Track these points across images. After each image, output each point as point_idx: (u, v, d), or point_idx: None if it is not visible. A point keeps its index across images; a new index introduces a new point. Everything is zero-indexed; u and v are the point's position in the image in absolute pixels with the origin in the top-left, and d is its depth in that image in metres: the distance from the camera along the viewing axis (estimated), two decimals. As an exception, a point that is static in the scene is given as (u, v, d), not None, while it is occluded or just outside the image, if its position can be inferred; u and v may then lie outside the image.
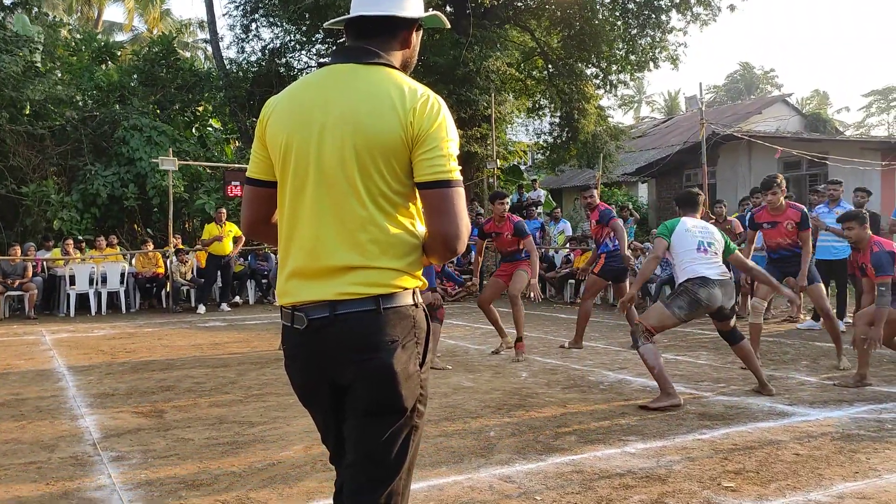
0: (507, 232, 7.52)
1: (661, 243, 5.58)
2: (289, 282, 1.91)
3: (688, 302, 5.35)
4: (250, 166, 2.04)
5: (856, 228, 6.14)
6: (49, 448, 4.47)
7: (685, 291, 5.38)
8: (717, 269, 5.44)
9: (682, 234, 5.55)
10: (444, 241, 1.84)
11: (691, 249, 5.46)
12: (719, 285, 5.38)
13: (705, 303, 5.34)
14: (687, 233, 5.54)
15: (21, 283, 12.45)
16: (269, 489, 3.66)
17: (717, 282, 5.37)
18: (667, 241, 5.56)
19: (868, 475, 3.73)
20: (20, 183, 15.47)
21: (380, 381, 1.83)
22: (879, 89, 52.80)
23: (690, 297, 5.34)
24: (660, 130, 28.34)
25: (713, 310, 5.44)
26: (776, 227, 6.83)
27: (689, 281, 5.37)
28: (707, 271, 5.38)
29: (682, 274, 5.45)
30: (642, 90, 49.76)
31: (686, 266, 5.44)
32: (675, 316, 5.37)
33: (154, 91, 17.92)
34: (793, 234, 6.75)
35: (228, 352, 8.29)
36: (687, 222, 5.63)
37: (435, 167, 1.82)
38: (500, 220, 7.56)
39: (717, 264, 5.47)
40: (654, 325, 5.39)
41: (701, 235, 5.54)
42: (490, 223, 7.76)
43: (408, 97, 1.83)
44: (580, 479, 3.72)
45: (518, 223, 7.55)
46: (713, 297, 5.35)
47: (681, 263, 5.49)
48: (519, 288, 7.43)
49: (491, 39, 17.39)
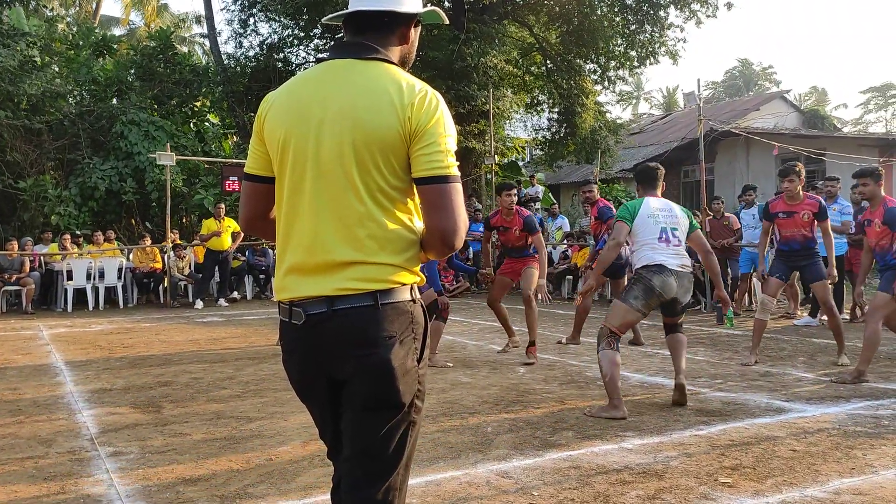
0: (516, 227, 7.10)
1: (622, 227, 5.23)
2: (286, 277, 1.91)
3: (642, 290, 5.08)
4: (248, 162, 2.04)
5: (870, 184, 6.11)
6: (46, 443, 4.47)
7: (639, 279, 5.12)
8: (678, 259, 5.14)
9: (644, 220, 5.21)
10: (442, 236, 1.84)
11: (653, 238, 5.15)
12: (675, 276, 5.08)
13: (658, 290, 5.05)
14: (650, 218, 5.20)
15: (18, 278, 12.44)
16: (267, 484, 3.66)
17: (675, 272, 5.09)
18: (628, 226, 5.22)
19: (864, 471, 3.74)
20: (17, 177, 15.45)
21: (377, 377, 1.83)
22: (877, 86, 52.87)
23: (644, 284, 5.08)
24: (658, 127, 28.32)
25: (666, 300, 5.13)
26: (792, 218, 6.69)
27: (645, 268, 5.11)
28: (665, 259, 5.09)
29: (639, 261, 5.18)
30: (641, 86, 49.75)
31: (645, 253, 5.17)
32: (633, 308, 5.08)
33: (152, 86, 17.89)
34: (808, 224, 6.65)
35: (226, 347, 8.30)
36: (650, 204, 5.28)
37: (432, 163, 1.82)
38: (509, 214, 7.12)
39: (678, 255, 5.16)
40: (617, 325, 5.11)
41: (665, 221, 5.22)
42: (497, 216, 7.30)
43: (405, 93, 1.83)
44: (577, 475, 3.73)
45: (528, 218, 7.13)
46: (667, 286, 5.06)
47: (639, 250, 5.22)
48: (531, 288, 7.07)
49: (489, 35, 17.36)
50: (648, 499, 3.39)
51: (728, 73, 53.01)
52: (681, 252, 5.21)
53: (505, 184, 7.51)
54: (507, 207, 7.11)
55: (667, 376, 6.26)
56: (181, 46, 23.64)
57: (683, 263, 5.17)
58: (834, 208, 9.40)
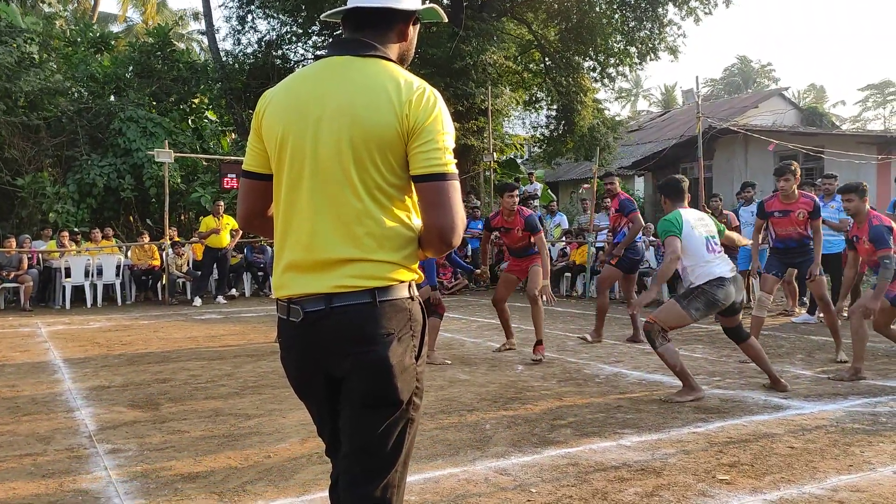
0: (518, 227, 7.01)
1: (675, 242, 5.34)
2: (284, 274, 1.91)
3: (705, 303, 5.29)
4: (246, 159, 2.04)
5: (855, 200, 6.10)
6: (45, 440, 4.47)
7: (703, 293, 5.29)
8: (728, 265, 5.40)
9: (690, 234, 5.38)
10: (440, 234, 1.84)
11: (702, 249, 5.35)
12: (733, 282, 5.33)
13: (723, 303, 5.31)
14: (693, 230, 5.39)
15: (16, 275, 12.43)
16: (265, 481, 3.66)
17: (731, 279, 5.33)
18: (679, 239, 5.35)
19: (862, 468, 3.75)
20: (15, 174, 15.43)
21: (375, 374, 1.83)
22: (876, 83, 52.86)
23: (709, 298, 5.27)
24: (656, 124, 28.33)
25: (729, 304, 5.38)
26: (788, 216, 6.71)
27: (708, 283, 5.28)
28: (722, 271, 5.32)
29: (698, 277, 5.34)
30: (640, 84, 49.73)
31: (701, 269, 5.33)
32: (692, 317, 5.32)
33: (150, 83, 17.86)
34: (804, 223, 6.66)
35: (224, 344, 8.29)
36: (688, 218, 5.45)
37: (430, 160, 1.82)
38: (510, 215, 7.02)
39: (727, 260, 5.44)
40: (671, 325, 5.34)
41: (706, 230, 5.44)
42: (498, 217, 7.20)
43: (403, 90, 1.83)
44: (575, 472, 3.73)
45: (530, 217, 7.04)
46: (729, 296, 5.31)
47: (694, 266, 5.38)
48: (537, 287, 6.97)
49: (488, 32, 17.35)
50: (646, 496, 3.39)
51: (727, 70, 52.98)
52: (726, 257, 5.49)
53: (507, 185, 7.42)
54: (508, 209, 7.03)
55: (665, 373, 6.27)
56: (179, 43, 23.58)
57: (733, 267, 5.43)
58: (832, 206, 9.41)
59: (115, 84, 17.52)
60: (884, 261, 5.78)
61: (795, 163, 6.99)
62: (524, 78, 20.96)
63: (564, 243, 14.67)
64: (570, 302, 12.81)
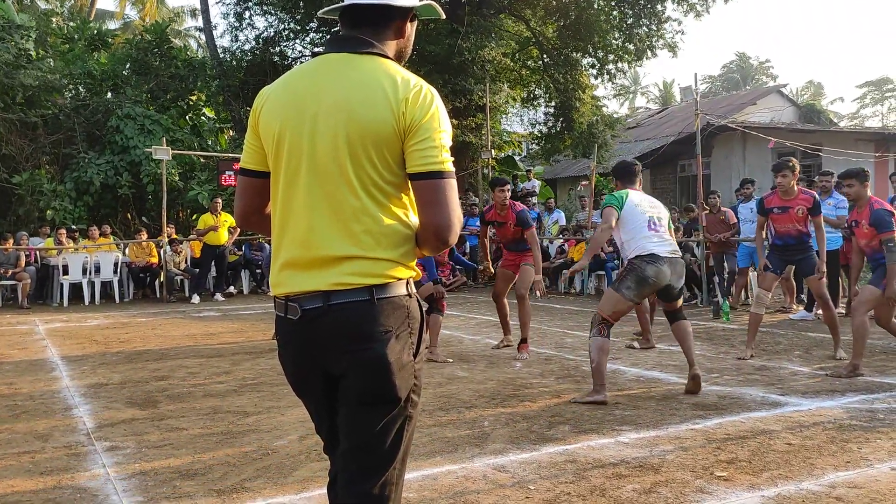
0: (511, 222, 7.06)
1: (611, 212, 5.31)
2: (282, 272, 1.91)
3: (635, 280, 5.17)
4: (244, 156, 2.03)
5: (856, 185, 6.11)
6: (43, 438, 4.47)
7: (633, 269, 5.21)
8: (668, 246, 5.27)
9: (632, 210, 5.32)
10: (436, 232, 1.84)
11: (642, 226, 5.27)
12: (668, 263, 5.20)
13: (653, 280, 5.17)
14: (637, 208, 5.33)
15: (14, 273, 12.42)
16: (264, 479, 3.66)
17: (667, 259, 5.20)
18: (618, 213, 5.31)
19: (860, 465, 3.75)
20: (12, 172, 15.40)
21: (373, 371, 1.83)
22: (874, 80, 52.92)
23: (638, 274, 5.16)
24: (654, 121, 28.32)
25: (661, 287, 5.26)
26: (787, 213, 6.69)
27: (638, 258, 5.20)
28: (657, 248, 5.21)
29: (632, 251, 5.27)
30: (638, 81, 49.72)
31: (636, 242, 5.26)
32: (626, 298, 5.19)
33: (147, 80, 17.82)
34: (803, 219, 6.65)
35: (223, 342, 8.29)
36: (633, 197, 5.41)
37: (427, 158, 1.82)
38: (503, 209, 7.08)
39: (667, 241, 5.31)
40: (609, 313, 5.22)
41: (650, 211, 5.36)
42: (492, 211, 7.29)
43: (400, 87, 1.83)
44: (574, 469, 3.74)
45: (521, 213, 7.09)
46: (661, 274, 5.17)
47: (630, 240, 5.30)
48: (527, 286, 7.06)
49: (487, 29, 17.33)
50: (644, 492, 3.40)
51: (725, 67, 52.99)
52: (669, 239, 5.36)
53: (498, 179, 7.46)
54: (500, 203, 7.09)
55: (663, 370, 6.29)
56: (176, 40, 23.53)
57: (673, 249, 5.31)
58: (829, 202, 9.43)
59: (112, 81, 17.47)
60: (888, 244, 5.76)
61: (794, 159, 6.98)
62: (522, 75, 20.94)
63: (562, 240, 14.68)
64: (569, 299, 12.82)
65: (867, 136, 21.15)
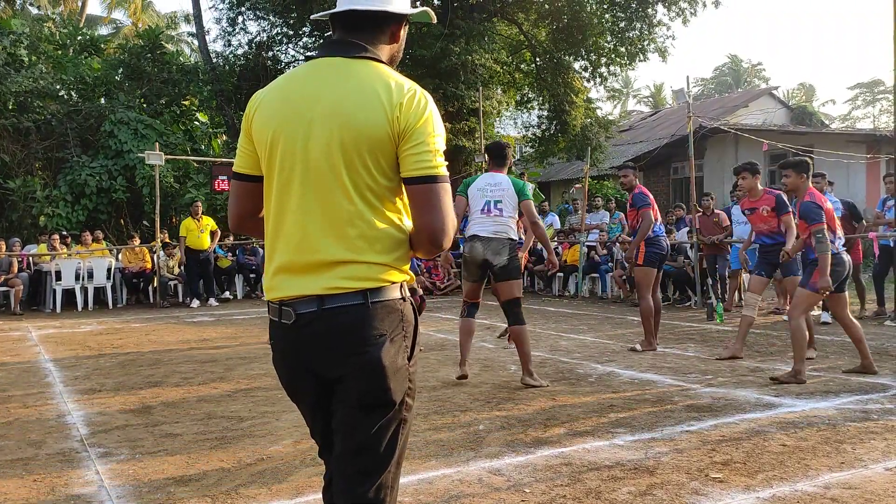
0: None
1: (461, 201, 5.73)
2: (276, 277, 1.90)
3: (463, 261, 5.70)
4: (237, 161, 2.03)
5: (792, 176, 6.02)
6: (36, 444, 4.44)
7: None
8: (492, 227, 5.58)
9: (474, 194, 5.70)
10: (430, 236, 1.85)
11: (476, 209, 5.64)
12: (481, 241, 5.56)
13: (468, 256, 5.64)
14: (479, 192, 5.67)
15: (6, 279, 12.36)
16: (258, 484, 3.65)
17: (482, 238, 5.55)
18: (465, 199, 5.71)
19: (854, 465, 3.77)
20: (5, 178, 15.34)
21: (368, 375, 1.83)
22: (865, 82, 53.08)
23: (463, 256, 5.67)
24: (647, 124, 28.38)
25: (478, 263, 5.60)
26: (755, 213, 6.77)
27: (465, 241, 5.65)
28: (477, 229, 5.59)
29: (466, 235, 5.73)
30: (630, 84, 49.82)
31: (470, 225, 5.68)
32: (466, 279, 5.76)
33: (140, 85, 17.80)
34: (769, 219, 6.66)
35: (216, 347, 8.26)
36: (479, 181, 5.75)
37: (421, 163, 1.82)
38: None
39: (494, 223, 5.59)
40: (466, 294, 5.84)
41: (491, 194, 5.63)
42: None
43: (394, 92, 1.83)
44: (569, 472, 3.74)
45: None
46: (474, 250, 5.57)
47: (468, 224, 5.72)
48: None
49: (479, 32, 17.35)
50: (640, 495, 3.40)
51: (717, 69, 53.16)
52: (500, 221, 5.62)
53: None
54: None
55: (658, 372, 6.30)
56: (169, 45, 23.50)
57: (497, 231, 5.59)
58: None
59: (105, 87, 17.44)
60: (817, 235, 5.66)
61: (757, 162, 7.11)
62: (515, 78, 20.97)
63: (556, 243, 14.70)
64: (563, 301, 12.83)
65: (859, 137, 21.23)
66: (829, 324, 8.93)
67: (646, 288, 7.47)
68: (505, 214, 5.61)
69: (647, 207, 7.41)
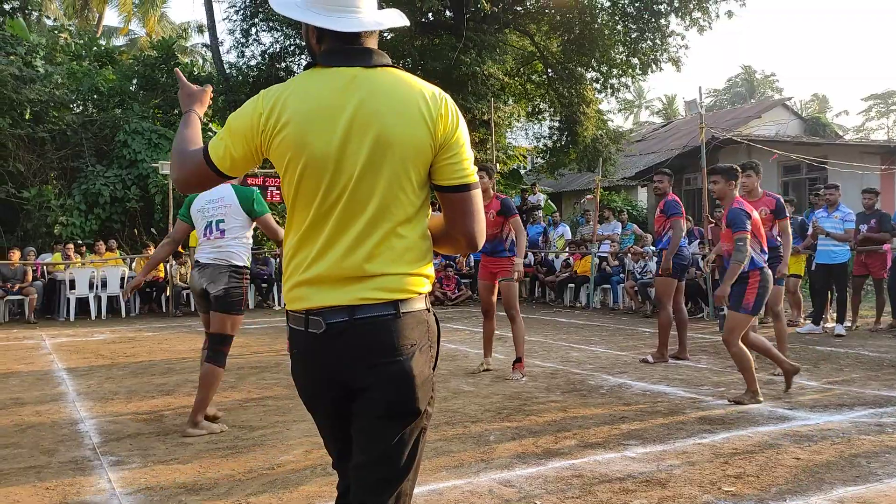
0: (492, 210, 6.62)
1: (180, 226, 5.07)
2: (302, 287, 1.87)
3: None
4: (218, 150, 1.92)
5: (720, 183, 5.82)
6: (49, 452, 4.47)
7: None
8: (212, 253, 4.84)
9: (195, 216, 4.95)
10: (469, 240, 1.93)
11: (200, 234, 4.93)
12: (200, 268, 4.84)
13: (190, 288, 5.25)
14: (199, 213, 4.92)
15: (21, 288, 12.46)
16: (269, 493, 3.65)
17: (201, 265, 4.84)
18: (185, 222, 5.02)
19: (868, 479, 3.73)
20: (20, 187, 15.49)
21: (398, 385, 1.83)
22: (879, 93, 52.79)
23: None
24: (659, 134, 28.34)
25: (198, 293, 4.92)
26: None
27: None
28: (199, 255, 4.89)
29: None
30: (643, 95, 49.79)
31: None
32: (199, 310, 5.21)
33: (154, 95, 17.95)
34: (766, 221, 6.56)
35: (228, 356, 8.26)
36: (204, 197, 4.90)
37: (459, 172, 1.88)
38: (486, 197, 6.57)
39: (216, 248, 4.84)
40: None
41: (212, 213, 4.87)
42: None
43: (431, 103, 1.84)
44: (580, 484, 3.72)
45: (506, 200, 6.73)
46: (193, 281, 4.91)
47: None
48: (513, 303, 6.70)
49: (491, 44, 17.41)
50: (652, 507, 3.38)
51: (731, 80, 53.02)
52: (220, 245, 4.85)
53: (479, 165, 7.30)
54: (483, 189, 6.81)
55: (669, 384, 6.26)
56: (183, 56, 23.71)
57: (217, 256, 4.84)
58: (836, 216, 9.42)
59: (119, 97, 17.60)
60: (738, 243, 5.48)
61: (757, 162, 7.04)
62: (527, 89, 21.01)
63: (567, 254, 14.67)
64: (574, 312, 12.79)
65: (873, 148, 21.10)
66: (844, 336, 8.88)
67: (666, 298, 7.35)
68: (228, 236, 4.85)
69: (678, 216, 7.26)
